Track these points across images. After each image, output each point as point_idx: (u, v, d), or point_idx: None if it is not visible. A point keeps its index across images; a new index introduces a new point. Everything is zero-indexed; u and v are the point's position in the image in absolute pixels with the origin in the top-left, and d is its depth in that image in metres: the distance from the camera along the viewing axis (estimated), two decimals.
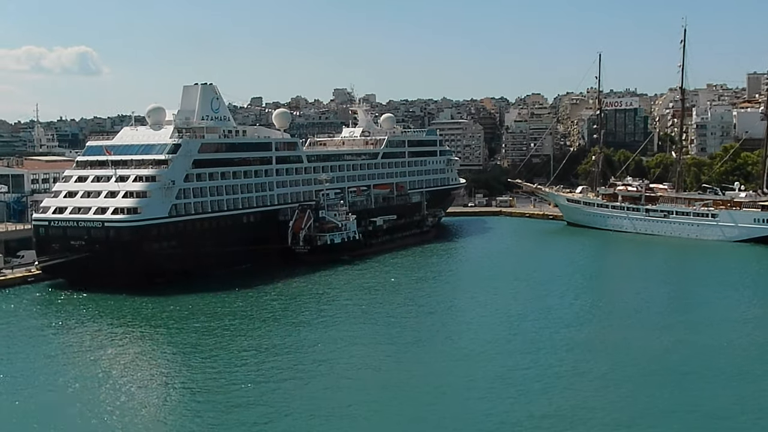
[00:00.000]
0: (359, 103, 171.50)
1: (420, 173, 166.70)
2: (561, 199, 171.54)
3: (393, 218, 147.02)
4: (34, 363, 74.12)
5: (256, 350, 76.91)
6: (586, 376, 67.13)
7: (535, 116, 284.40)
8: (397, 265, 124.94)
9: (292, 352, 76.15)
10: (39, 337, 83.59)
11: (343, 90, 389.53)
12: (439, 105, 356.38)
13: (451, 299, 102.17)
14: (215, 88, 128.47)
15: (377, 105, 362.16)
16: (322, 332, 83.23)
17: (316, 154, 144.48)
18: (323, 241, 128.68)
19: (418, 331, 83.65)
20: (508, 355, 73.98)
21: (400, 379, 67.40)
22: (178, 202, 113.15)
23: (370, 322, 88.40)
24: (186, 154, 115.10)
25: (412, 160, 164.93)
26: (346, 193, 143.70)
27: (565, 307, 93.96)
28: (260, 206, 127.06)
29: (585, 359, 72.50)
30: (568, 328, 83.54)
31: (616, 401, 61.38)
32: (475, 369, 69.65)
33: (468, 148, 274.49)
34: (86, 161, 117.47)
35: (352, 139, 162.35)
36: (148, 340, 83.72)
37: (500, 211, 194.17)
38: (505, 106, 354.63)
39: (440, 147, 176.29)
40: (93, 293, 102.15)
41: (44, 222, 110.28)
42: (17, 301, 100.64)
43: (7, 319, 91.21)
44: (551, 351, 74.72)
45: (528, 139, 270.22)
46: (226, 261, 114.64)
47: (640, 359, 71.94)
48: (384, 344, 78.64)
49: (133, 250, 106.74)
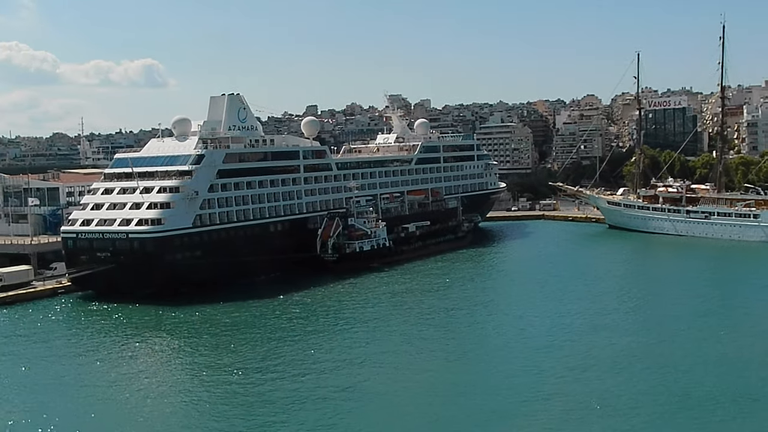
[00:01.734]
0: (393, 110, 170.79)
1: (456, 178, 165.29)
2: (602, 202, 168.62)
3: (426, 224, 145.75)
4: (54, 374, 75.08)
5: (283, 361, 76.50)
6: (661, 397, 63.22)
7: (584, 118, 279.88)
8: (425, 272, 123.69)
9: (324, 363, 75.23)
10: (59, 349, 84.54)
11: (398, 96, 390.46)
12: (493, 108, 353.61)
13: (479, 305, 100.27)
14: (242, 98, 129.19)
15: (432, 110, 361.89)
16: (343, 340, 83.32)
17: (346, 161, 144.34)
18: (352, 248, 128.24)
19: (446, 343, 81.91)
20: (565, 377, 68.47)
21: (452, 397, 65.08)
22: (203, 213, 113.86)
23: (395, 329, 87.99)
24: (210, 165, 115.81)
25: (447, 165, 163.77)
26: (378, 200, 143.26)
27: (592, 317, 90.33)
28: (288, 215, 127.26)
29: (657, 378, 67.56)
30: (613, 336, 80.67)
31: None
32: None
33: (516, 151, 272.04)
34: (113, 173, 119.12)
35: (387, 146, 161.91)
36: (169, 350, 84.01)
37: (543, 215, 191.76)
38: (558, 109, 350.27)
39: (478, 151, 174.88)
40: (119, 304, 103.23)
41: (72, 234, 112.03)
42: (45, 313, 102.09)
43: (32, 331, 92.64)
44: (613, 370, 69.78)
45: (577, 141, 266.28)
46: (253, 270, 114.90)
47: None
48: (416, 355, 77.87)
49: (156, 260, 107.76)
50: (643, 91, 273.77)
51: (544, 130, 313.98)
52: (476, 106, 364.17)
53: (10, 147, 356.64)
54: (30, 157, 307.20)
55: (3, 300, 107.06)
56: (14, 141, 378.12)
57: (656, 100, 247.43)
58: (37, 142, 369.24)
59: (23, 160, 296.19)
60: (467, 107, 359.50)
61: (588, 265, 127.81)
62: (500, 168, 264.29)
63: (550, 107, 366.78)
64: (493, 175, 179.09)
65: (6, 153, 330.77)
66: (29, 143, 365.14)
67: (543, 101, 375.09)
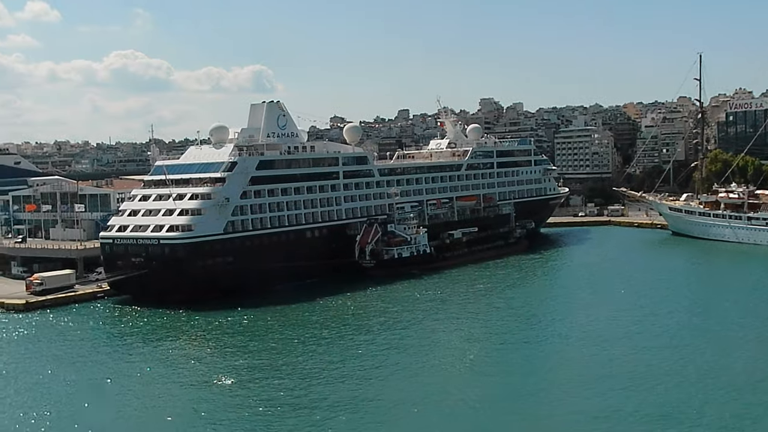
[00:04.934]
0: (446, 115, 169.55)
1: (511, 184, 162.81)
2: (664, 208, 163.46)
3: (473, 230, 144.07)
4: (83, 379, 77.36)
5: (315, 365, 77.33)
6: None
7: (667, 121, 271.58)
8: (462, 279, 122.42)
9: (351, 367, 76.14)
10: (93, 351, 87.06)
11: (489, 99, 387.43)
12: (578, 112, 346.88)
13: (515, 313, 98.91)
14: (282, 105, 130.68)
15: (523, 114, 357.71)
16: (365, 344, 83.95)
17: (389, 167, 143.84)
18: (390, 255, 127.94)
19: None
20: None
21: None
22: (234, 219, 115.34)
23: (425, 335, 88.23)
24: (242, 172, 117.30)
25: (501, 170, 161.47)
26: (424, 206, 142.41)
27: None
28: (326, 221, 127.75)
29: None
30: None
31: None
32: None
33: (596, 155, 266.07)
34: (151, 180, 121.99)
35: (439, 151, 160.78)
36: (198, 354, 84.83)
37: (609, 220, 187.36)
38: (644, 111, 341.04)
39: (535, 156, 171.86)
40: (152, 308, 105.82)
41: (109, 240, 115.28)
42: (83, 316, 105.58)
43: (70, 333, 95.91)
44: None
45: (660, 145, 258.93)
46: (289, 276, 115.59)
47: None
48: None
49: (187, 266, 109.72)
50: (739, 91, 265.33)
51: (630, 133, 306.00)
52: (568, 109, 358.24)
53: (108, 152, 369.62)
54: (119, 162, 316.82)
55: (44, 303, 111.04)
56: (113, 147, 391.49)
57: (738, 102, 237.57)
58: (133, 147, 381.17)
59: (112, 165, 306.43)
60: (552, 111, 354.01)
61: (635, 273, 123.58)
62: (579, 172, 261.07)
63: (643, 110, 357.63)
64: (552, 181, 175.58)
65: (101, 158, 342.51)
66: (125, 149, 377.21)
67: (635, 104, 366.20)
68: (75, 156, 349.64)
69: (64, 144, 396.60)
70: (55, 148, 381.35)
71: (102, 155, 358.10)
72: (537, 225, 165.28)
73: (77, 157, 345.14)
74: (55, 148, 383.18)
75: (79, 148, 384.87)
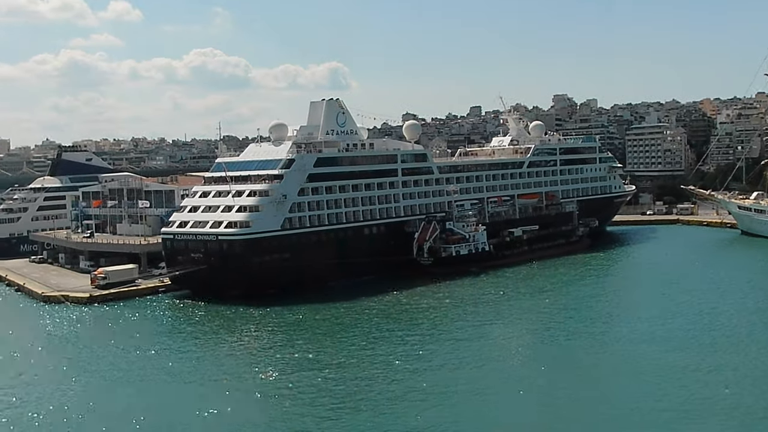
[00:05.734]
0: (510, 112, 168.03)
1: (574, 181, 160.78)
2: (732, 207, 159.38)
3: (534, 228, 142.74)
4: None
5: (371, 360, 78.00)
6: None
7: (743, 117, 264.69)
8: (520, 277, 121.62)
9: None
10: (151, 344, 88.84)
11: (563, 95, 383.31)
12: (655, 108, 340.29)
13: (568, 310, 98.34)
14: (341, 103, 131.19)
15: (596, 110, 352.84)
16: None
17: (448, 164, 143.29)
18: (448, 252, 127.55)
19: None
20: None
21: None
22: (292, 216, 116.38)
23: (480, 332, 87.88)
24: (300, 169, 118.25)
25: (564, 168, 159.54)
26: (485, 204, 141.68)
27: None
28: (384, 218, 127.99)
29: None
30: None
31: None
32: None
33: (668, 153, 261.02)
34: (212, 177, 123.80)
35: (501, 148, 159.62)
36: (254, 349, 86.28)
37: (677, 219, 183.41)
38: (720, 108, 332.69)
39: (600, 154, 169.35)
40: (210, 303, 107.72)
41: (170, 235, 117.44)
42: (143, 310, 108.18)
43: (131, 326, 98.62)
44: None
45: (735, 142, 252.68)
46: (346, 273, 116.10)
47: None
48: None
49: (244, 262, 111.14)
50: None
51: (705, 130, 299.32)
52: (643, 105, 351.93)
53: (183, 149, 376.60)
54: (191, 159, 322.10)
55: (107, 297, 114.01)
56: (188, 144, 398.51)
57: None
58: (207, 144, 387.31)
59: (185, 162, 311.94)
60: (626, 107, 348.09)
61: (695, 274, 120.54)
62: (651, 170, 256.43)
63: (720, 106, 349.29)
64: (618, 178, 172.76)
65: (175, 155, 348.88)
66: (200, 145, 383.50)
67: (711, 100, 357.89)
68: (150, 153, 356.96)
69: (141, 141, 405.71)
70: (132, 145, 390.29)
71: (177, 152, 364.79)
72: (601, 223, 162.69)
73: (152, 154, 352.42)
74: (132, 144, 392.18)
75: (155, 145, 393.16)
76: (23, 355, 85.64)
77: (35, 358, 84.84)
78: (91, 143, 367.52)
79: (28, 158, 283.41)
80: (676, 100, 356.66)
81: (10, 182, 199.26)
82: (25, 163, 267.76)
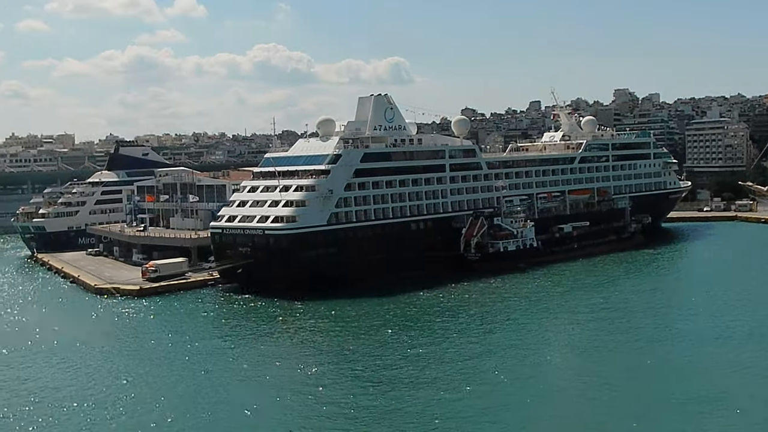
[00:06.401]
0: (562, 107, 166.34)
1: (627, 177, 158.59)
2: None
3: (584, 225, 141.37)
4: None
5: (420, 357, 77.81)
6: None
7: None
8: (567, 274, 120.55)
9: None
10: (199, 337, 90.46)
11: (624, 90, 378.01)
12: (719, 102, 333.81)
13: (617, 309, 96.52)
14: (389, 98, 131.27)
15: (658, 104, 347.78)
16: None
17: (497, 160, 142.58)
18: (495, 248, 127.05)
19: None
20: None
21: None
22: (338, 211, 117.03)
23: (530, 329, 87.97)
24: (347, 164, 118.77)
25: (617, 164, 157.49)
26: (534, 200, 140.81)
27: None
28: (432, 213, 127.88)
29: None
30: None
31: None
32: None
33: (729, 148, 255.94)
34: (260, 172, 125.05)
35: (553, 144, 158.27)
36: (299, 342, 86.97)
37: (735, 216, 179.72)
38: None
39: (654, 149, 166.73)
40: (257, 297, 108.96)
41: (218, 230, 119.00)
42: (192, 303, 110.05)
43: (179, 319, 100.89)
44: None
45: None
46: (392, 267, 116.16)
47: None
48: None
49: (290, 256, 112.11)
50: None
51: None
52: (707, 99, 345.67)
53: (243, 144, 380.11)
54: (249, 154, 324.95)
55: (157, 290, 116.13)
56: (247, 138, 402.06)
57: None
58: (266, 139, 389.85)
59: (243, 156, 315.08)
60: (689, 101, 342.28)
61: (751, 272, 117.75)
62: (711, 165, 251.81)
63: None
64: (673, 174, 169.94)
65: (234, 149, 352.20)
66: (259, 140, 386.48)
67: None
68: (209, 147, 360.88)
69: (202, 136, 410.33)
70: (193, 140, 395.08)
71: (236, 147, 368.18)
72: (655, 220, 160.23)
73: (211, 149, 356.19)
74: (193, 139, 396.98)
75: (215, 140, 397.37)
76: (64, 346, 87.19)
77: (78, 348, 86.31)
78: (153, 138, 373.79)
79: (91, 153, 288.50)
80: (741, 95, 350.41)
81: (72, 176, 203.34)
82: (87, 157, 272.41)
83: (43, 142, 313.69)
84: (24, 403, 67.56)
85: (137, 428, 61.06)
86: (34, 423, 62.79)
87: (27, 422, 62.87)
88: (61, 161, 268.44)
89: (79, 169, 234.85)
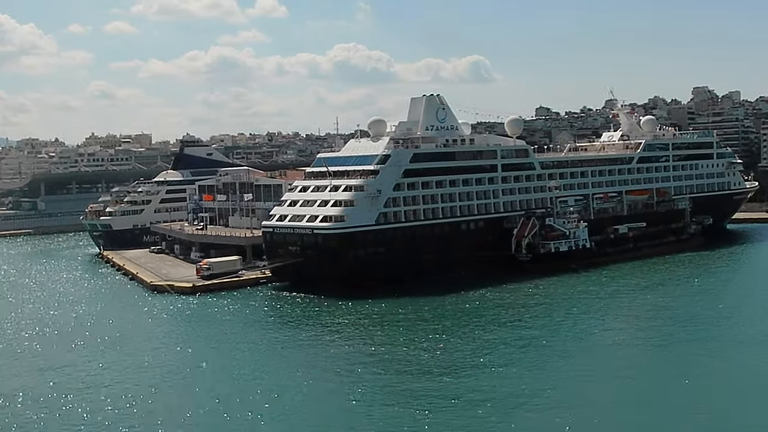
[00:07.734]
0: (621, 107, 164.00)
1: (688, 178, 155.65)
2: None
3: (641, 226, 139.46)
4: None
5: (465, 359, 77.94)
6: None
7: None
8: (620, 276, 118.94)
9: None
10: (251, 333, 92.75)
11: (703, 88, 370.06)
12: None
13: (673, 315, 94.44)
14: (441, 99, 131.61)
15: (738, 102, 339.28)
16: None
17: (551, 160, 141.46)
18: (547, 249, 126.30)
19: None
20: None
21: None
22: (387, 210, 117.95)
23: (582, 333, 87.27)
24: (396, 164, 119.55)
25: (678, 164, 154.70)
26: (590, 200, 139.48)
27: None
28: (483, 214, 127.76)
29: None
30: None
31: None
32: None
33: None
34: (312, 172, 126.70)
35: (611, 143, 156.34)
36: (349, 339, 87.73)
37: None
38: None
39: (717, 149, 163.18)
40: (305, 295, 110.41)
41: (270, 229, 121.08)
42: (244, 300, 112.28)
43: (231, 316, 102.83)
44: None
45: None
46: (442, 267, 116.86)
47: None
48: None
49: (339, 255, 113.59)
50: None
51: None
52: None
53: (316, 143, 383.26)
54: None
55: (210, 287, 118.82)
56: (321, 138, 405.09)
57: None
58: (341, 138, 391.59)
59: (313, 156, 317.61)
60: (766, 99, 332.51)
61: None
62: None
63: None
64: (737, 175, 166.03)
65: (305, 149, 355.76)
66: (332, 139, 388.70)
67: None
68: (282, 147, 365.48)
69: (276, 135, 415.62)
70: (267, 139, 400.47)
71: (309, 146, 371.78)
72: (718, 221, 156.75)
73: (284, 148, 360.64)
74: (267, 139, 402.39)
75: (288, 139, 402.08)
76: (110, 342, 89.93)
77: (120, 344, 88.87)
78: (228, 137, 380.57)
79: (166, 152, 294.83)
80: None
81: (142, 175, 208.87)
82: (159, 157, 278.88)
83: (122, 141, 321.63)
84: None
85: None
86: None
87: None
88: (135, 160, 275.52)
89: (151, 169, 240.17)
